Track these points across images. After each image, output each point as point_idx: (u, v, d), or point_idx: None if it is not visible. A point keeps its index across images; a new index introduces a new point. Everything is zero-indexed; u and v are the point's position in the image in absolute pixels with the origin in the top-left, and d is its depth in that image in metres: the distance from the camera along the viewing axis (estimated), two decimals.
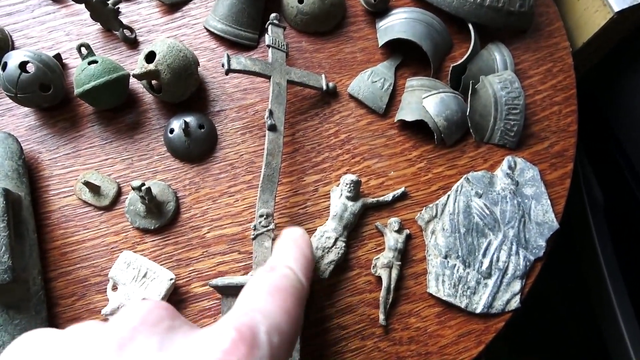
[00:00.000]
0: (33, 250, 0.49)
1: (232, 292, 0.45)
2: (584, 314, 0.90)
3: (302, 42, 0.61)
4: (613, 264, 0.77)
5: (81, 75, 0.52)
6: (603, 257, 0.77)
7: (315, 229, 0.53)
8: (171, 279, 0.49)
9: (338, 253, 0.50)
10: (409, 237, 0.53)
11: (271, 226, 0.48)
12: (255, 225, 0.48)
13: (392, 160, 0.56)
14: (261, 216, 0.48)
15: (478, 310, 0.51)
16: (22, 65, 0.51)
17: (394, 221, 0.53)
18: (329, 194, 0.54)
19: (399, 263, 0.52)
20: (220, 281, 0.45)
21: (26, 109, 0.56)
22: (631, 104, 0.71)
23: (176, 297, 0.50)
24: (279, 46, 0.56)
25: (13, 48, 0.58)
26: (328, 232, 0.51)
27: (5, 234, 0.45)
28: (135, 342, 0.21)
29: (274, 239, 0.48)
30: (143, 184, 0.48)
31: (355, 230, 0.53)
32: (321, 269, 0.50)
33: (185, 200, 0.54)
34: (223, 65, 0.51)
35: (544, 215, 0.55)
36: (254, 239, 0.48)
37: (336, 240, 0.51)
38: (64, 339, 0.22)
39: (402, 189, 0.54)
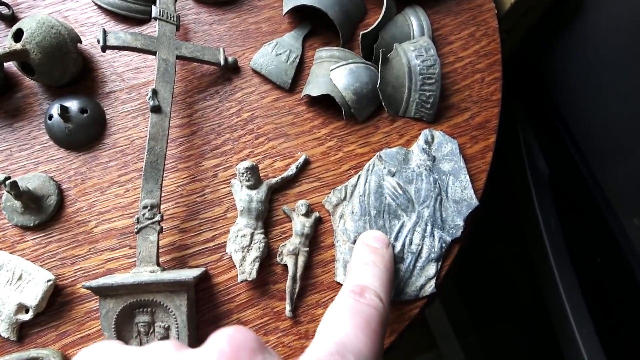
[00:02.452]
0: None
1: (110, 292, 0.41)
2: (527, 285, 0.88)
3: (201, 13, 0.55)
4: (557, 235, 0.75)
5: None
6: (545, 228, 0.74)
7: (216, 219, 0.49)
8: (49, 280, 0.44)
9: (259, 248, 0.46)
10: (318, 221, 0.49)
11: (157, 218, 0.44)
12: (138, 218, 0.44)
13: (300, 139, 0.52)
14: (145, 207, 0.44)
15: None
16: None
17: (301, 204, 0.49)
18: (230, 179, 0.50)
19: (307, 249, 0.48)
20: (95, 282, 0.41)
21: None
22: (567, 68, 0.67)
23: (60, 299, 0.46)
24: (168, 18, 0.50)
25: None
26: (242, 229, 0.47)
27: None
28: None
29: (161, 232, 0.44)
30: (8, 178, 0.43)
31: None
32: (247, 270, 0.46)
33: (70, 193, 0.49)
34: (98, 42, 0.46)
35: (463, 192, 0.51)
36: (137, 232, 0.44)
37: (252, 235, 0.47)
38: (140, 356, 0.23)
39: (303, 156, 0.50)
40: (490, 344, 1.20)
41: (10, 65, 0.52)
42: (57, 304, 0.46)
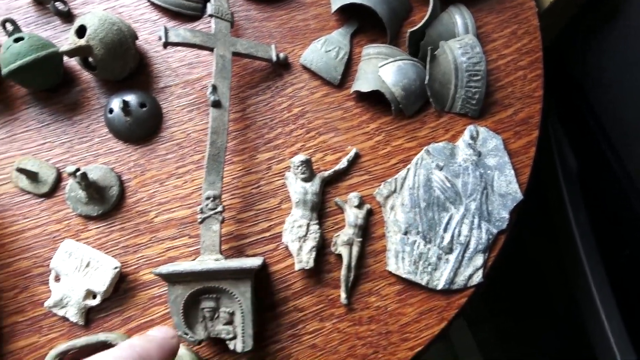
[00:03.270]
0: None
1: (178, 279, 0.43)
2: (558, 280, 0.89)
3: (251, 10, 0.57)
4: (586, 230, 0.76)
5: (6, 54, 0.48)
6: (576, 224, 0.76)
7: (271, 210, 0.51)
8: (116, 268, 0.46)
9: (315, 238, 0.48)
10: (369, 213, 0.51)
11: (219, 208, 0.46)
12: (202, 208, 0.46)
13: (349, 133, 0.54)
14: (208, 198, 0.46)
15: (439, 287, 0.49)
16: None
17: (353, 196, 0.51)
18: (284, 171, 0.52)
19: (360, 240, 0.50)
20: (164, 269, 0.43)
21: None
22: (601, 66, 0.69)
23: (124, 286, 0.48)
24: (222, 15, 0.52)
25: None
26: (298, 220, 0.49)
27: None
28: None
29: (222, 222, 0.46)
30: (78, 169, 0.45)
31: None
32: (304, 259, 0.48)
33: (130, 184, 0.51)
34: (160, 39, 0.48)
35: (508, 186, 0.53)
36: (201, 222, 0.46)
37: (308, 225, 0.49)
38: None
39: (354, 150, 0.52)
40: (505, 335, 1.22)
41: (69, 61, 0.53)
42: (121, 290, 0.48)
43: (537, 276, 1.00)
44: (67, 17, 0.55)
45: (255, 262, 0.44)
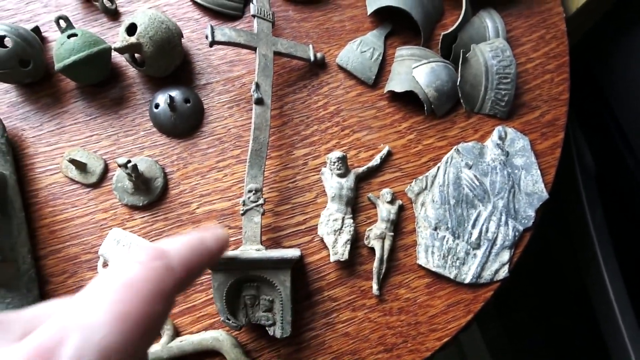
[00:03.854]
0: (21, 229, 0.49)
1: (221, 267, 0.46)
2: (572, 276, 0.91)
3: (289, 11, 0.59)
4: (603, 230, 0.78)
5: (60, 49, 0.50)
6: (593, 224, 0.78)
7: (307, 204, 0.53)
8: None
9: (350, 231, 0.50)
10: (401, 208, 0.53)
11: (260, 201, 0.48)
12: (244, 201, 0.48)
13: (382, 132, 0.56)
14: (250, 191, 0.48)
15: (467, 281, 0.52)
16: None
17: (386, 192, 0.53)
18: (319, 167, 0.54)
19: (392, 234, 0.52)
20: None
21: (6, 85, 0.55)
22: (624, 70, 0.70)
23: None
24: (264, 16, 0.54)
25: None
26: (333, 214, 0.51)
27: None
28: None
29: (263, 214, 0.48)
30: (129, 161, 0.47)
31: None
32: (339, 251, 0.50)
33: (173, 176, 0.53)
34: (207, 37, 0.50)
35: (534, 186, 0.55)
36: (243, 214, 0.48)
37: (343, 219, 0.51)
38: None
39: (387, 148, 0.54)
40: (514, 332, 1.23)
41: (115, 57, 0.56)
42: None
43: (548, 274, 1.02)
44: (114, 15, 0.57)
45: (294, 253, 0.46)
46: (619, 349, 0.76)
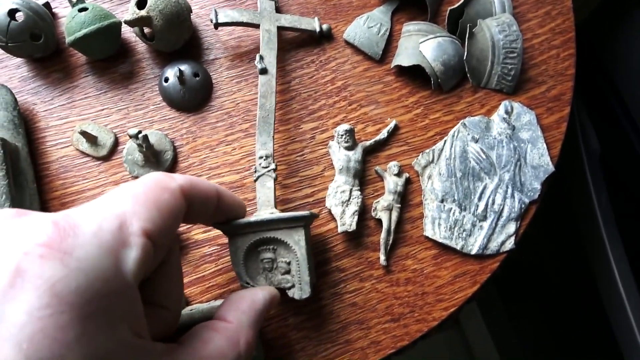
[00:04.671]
0: (33, 200, 0.50)
1: (237, 231, 0.46)
2: (576, 261, 0.92)
3: None
4: (608, 212, 0.79)
5: (72, 22, 0.51)
6: (598, 205, 0.78)
7: (315, 177, 0.54)
8: None
9: (357, 203, 0.51)
10: (408, 181, 0.54)
11: (272, 166, 0.49)
12: (256, 167, 0.49)
13: (389, 106, 0.56)
14: (261, 157, 0.49)
15: (473, 252, 0.52)
16: (11, 13, 0.50)
17: (393, 165, 0.53)
18: (327, 141, 0.55)
19: (399, 206, 0.52)
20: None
21: (18, 59, 0.55)
22: (629, 51, 0.70)
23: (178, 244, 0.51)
24: None
25: None
26: (341, 186, 0.52)
27: (5, 183, 0.45)
28: None
29: (275, 179, 0.49)
30: (140, 132, 0.48)
31: None
32: (347, 222, 0.51)
33: (182, 150, 0.54)
34: (211, 21, 0.51)
35: (540, 159, 0.55)
36: (255, 180, 0.49)
37: (351, 191, 0.52)
38: None
39: (394, 122, 0.55)
40: (519, 320, 1.24)
41: (124, 32, 0.56)
42: None
43: (553, 260, 1.03)
44: None
45: (306, 212, 0.47)
46: (626, 330, 0.76)
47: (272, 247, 0.46)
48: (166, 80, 0.54)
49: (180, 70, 0.52)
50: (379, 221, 0.52)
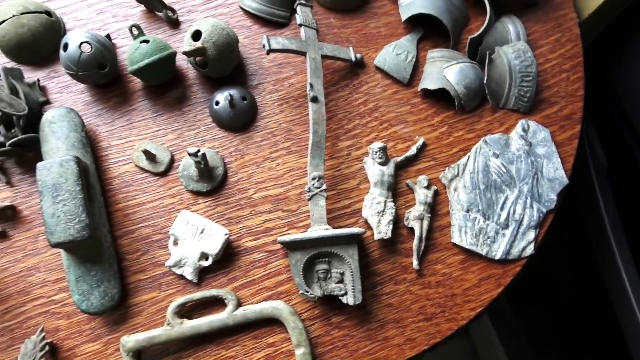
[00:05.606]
0: (101, 211, 0.55)
1: (298, 246, 0.52)
2: (587, 269, 0.96)
3: (330, 19, 0.66)
4: (615, 218, 0.84)
5: (135, 53, 0.57)
6: (606, 212, 0.83)
7: (351, 190, 0.59)
8: (226, 234, 0.55)
9: (392, 213, 0.56)
10: (436, 193, 0.59)
11: (323, 187, 0.54)
12: (309, 187, 0.54)
13: (417, 125, 0.62)
14: (314, 179, 0.54)
15: (497, 257, 0.57)
16: (82, 46, 0.56)
17: (422, 178, 0.59)
18: (362, 157, 0.60)
19: (429, 215, 0.58)
20: (288, 238, 0.52)
21: (81, 86, 0.61)
22: (632, 71, 0.76)
23: (229, 251, 0.56)
24: (309, 24, 0.61)
25: (65, 30, 0.63)
26: (376, 198, 0.57)
27: (82, 196, 0.51)
28: None
29: (326, 198, 0.54)
30: (199, 150, 0.53)
31: None
32: (383, 230, 0.56)
33: (231, 166, 0.59)
34: (264, 46, 0.56)
35: (555, 172, 0.61)
36: (309, 199, 0.54)
37: (385, 202, 0.57)
38: None
39: (422, 139, 0.60)
40: (529, 328, 1.27)
41: (177, 60, 0.62)
42: (227, 255, 0.56)
43: (562, 268, 1.07)
44: (174, 24, 0.64)
45: (359, 230, 0.52)
46: (636, 338, 0.81)
47: (327, 260, 0.52)
48: (217, 103, 0.60)
49: (231, 94, 0.58)
50: (411, 229, 0.58)
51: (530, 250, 0.58)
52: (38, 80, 0.61)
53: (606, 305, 0.90)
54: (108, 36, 0.62)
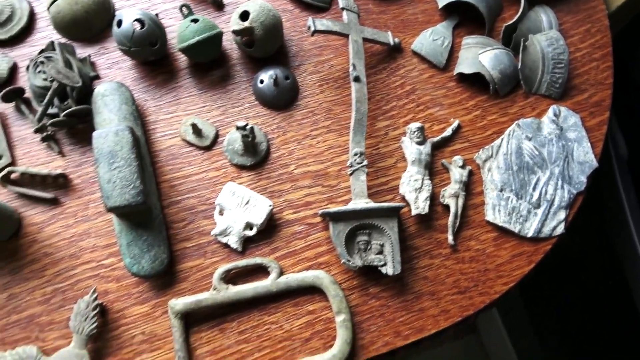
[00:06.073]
0: (151, 181, 0.58)
1: (341, 217, 0.54)
2: (602, 263, 0.98)
3: (369, 4, 0.68)
4: (636, 208, 0.86)
5: (185, 31, 0.59)
6: (628, 205, 0.85)
7: (389, 168, 0.61)
8: (270, 206, 0.57)
9: (429, 190, 0.59)
10: (471, 173, 0.62)
11: (364, 162, 0.57)
12: (351, 163, 0.57)
13: (452, 108, 0.64)
14: (355, 154, 0.57)
15: (529, 235, 0.60)
16: (134, 23, 0.58)
17: (458, 158, 0.61)
18: (399, 137, 0.62)
19: (464, 193, 0.60)
20: (331, 210, 0.55)
21: (130, 62, 0.64)
22: None
23: (272, 223, 0.59)
24: (351, 8, 0.63)
25: (114, 9, 0.66)
26: (414, 175, 0.59)
27: (136, 164, 0.53)
28: None
29: (367, 173, 0.56)
30: (247, 123, 0.56)
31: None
32: (420, 206, 0.58)
33: (274, 142, 0.62)
34: (309, 28, 0.59)
35: (585, 156, 0.63)
36: (351, 174, 0.57)
37: (422, 180, 0.59)
38: None
39: (457, 122, 0.63)
40: (540, 324, 1.28)
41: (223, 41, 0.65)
42: (270, 226, 0.59)
43: (577, 262, 1.09)
44: (219, 6, 0.66)
45: (400, 203, 0.55)
46: None
47: (367, 231, 0.54)
48: (261, 82, 0.62)
49: (275, 73, 0.61)
50: (446, 207, 0.60)
51: (560, 229, 0.60)
52: (89, 55, 0.63)
53: (623, 301, 0.92)
54: (157, 15, 0.64)
